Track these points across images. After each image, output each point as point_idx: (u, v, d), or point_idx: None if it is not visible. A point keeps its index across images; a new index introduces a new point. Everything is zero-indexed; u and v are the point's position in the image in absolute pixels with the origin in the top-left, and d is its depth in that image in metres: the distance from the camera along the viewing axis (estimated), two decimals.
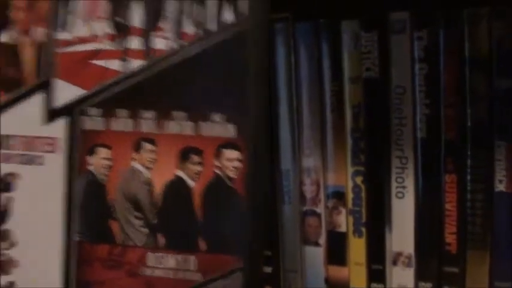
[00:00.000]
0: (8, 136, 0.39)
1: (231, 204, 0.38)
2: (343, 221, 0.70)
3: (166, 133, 0.38)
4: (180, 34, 0.37)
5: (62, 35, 0.38)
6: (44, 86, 0.39)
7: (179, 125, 0.38)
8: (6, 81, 0.39)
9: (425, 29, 0.65)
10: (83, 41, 0.38)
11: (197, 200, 0.37)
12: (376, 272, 0.69)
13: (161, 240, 0.37)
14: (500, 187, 0.64)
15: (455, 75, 0.65)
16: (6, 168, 0.39)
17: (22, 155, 0.39)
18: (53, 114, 0.39)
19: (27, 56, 0.38)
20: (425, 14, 0.65)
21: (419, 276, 0.68)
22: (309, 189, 0.68)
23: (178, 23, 0.37)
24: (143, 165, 0.38)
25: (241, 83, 0.37)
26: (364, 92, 0.67)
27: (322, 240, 0.68)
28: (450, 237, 0.66)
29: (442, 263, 0.67)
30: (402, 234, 0.67)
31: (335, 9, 0.65)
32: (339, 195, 0.69)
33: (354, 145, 0.69)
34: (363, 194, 0.68)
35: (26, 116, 0.39)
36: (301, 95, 0.62)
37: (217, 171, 0.37)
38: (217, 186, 0.37)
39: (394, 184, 0.67)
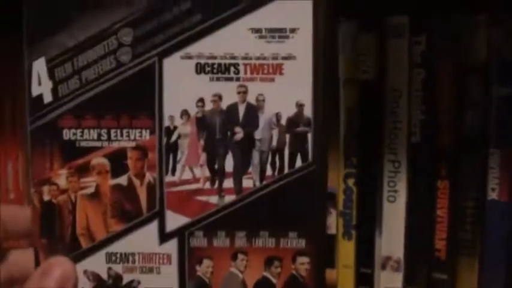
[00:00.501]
0: (132, 253, 0.50)
1: None
2: (333, 223, 0.70)
3: (254, 247, 0.50)
4: (262, 176, 0.49)
5: (170, 178, 0.49)
6: (157, 216, 0.49)
7: (264, 241, 0.50)
8: (124, 214, 0.50)
9: (423, 34, 0.64)
10: (187, 182, 0.50)
11: None
12: (365, 276, 0.70)
13: None
14: (493, 195, 0.63)
15: (452, 81, 0.64)
16: (131, 276, 0.50)
17: (143, 266, 0.50)
18: (166, 236, 0.50)
19: (141, 194, 0.49)
20: (424, 19, 0.64)
21: (408, 282, 0.67)
22: None
23: (262, 169, 0.49)
24: (238, 269, 0.51)
25: (309, 210, 0.50)
26: (359, 95, 0.67)
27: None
28: (440, 244, 0.65)
29: (432, 269, 0.67)
30: (392, 239, 0.66)
31: (334, 9, 0.58)
32: (330, 197, 0.68)
33: (347, 147, 0.68)
34: (354, 197, 0.68)
35: (145, 238, 0.49)
36: None
37: (293, 272, 0.51)
38: (293, 282, 0.51)
39: (386, 188, 0.66)
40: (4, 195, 0.90)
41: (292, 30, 0.49)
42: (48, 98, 0.49)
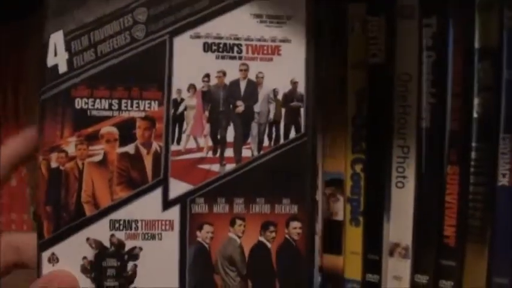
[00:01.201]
0: (135, 220, 0.62)
1: (295, 257, 0.66)
2: (341, 209, 0.79)
3: (252, 212, 0.65)
4: (260, 147, 0.65)
5: (175, 147, 0.63)
6: (161, 183, 0.63)
7: (260, 207, 0.65)
8: (130, 181, 0.62)
9: (434, 16, 0.72)
10: (191, 151, 0.64)
11: (273, 256, 0.65)
12: (372, 262, 0.78)
13: (249, 284, 0.65)
14: (503, 181, 0.71)
15: (463, 64, 0.72)
16: (133, 243, 0.62)
17: (145, 233, 0.62)
18: (169, 203, 0.63)
19: (147, 162, 0.62)
20: (435, 1, 0.72)
21: (416, 269, 0.75)
22: None
23: (260, 140, 0.65)
24: (236, 235, 0.65)
25: (301, 177, 0.65)
26: (368, 78, 0.76)
27: (318, 228, 0.78)
28: (449, 230, 0.73)
29: (440, 256, 0.74)
30: (400, 225, 0.75)
31: None
32: (337, 183, 0.79)
33: (355, 132, 0.78)
34: (362, 183, 0.77)
35: (148, 205, 0.63)
36: None
37: (287, 236, 0.65)
38: (286, 246, 0.66)
39: (394, 173, 0.75)
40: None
41: (288, 17, 0.65)
42: (63, 68, 0.63)
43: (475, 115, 0.70)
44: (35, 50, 0.88)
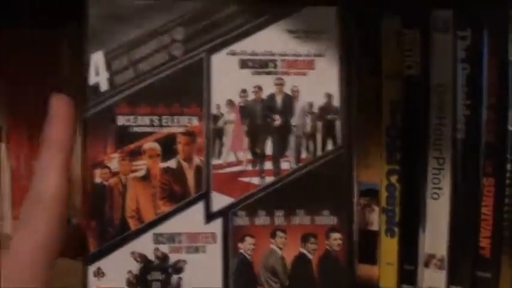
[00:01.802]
0: (178, 234, 0.66)
1: (336, 268, 0.69)
2: (376, 220, 0.82)
3: (292, 224, 0.68)
4: (298, 159, 0.68)
5: (216, 161, 0.67)
6: (203, 197, 0.66)
7: (300, 218, 0.68)
8: (172, 195, 0.65)
9: (469, 29, 0.75)
10: (231, 165, 0.67)
11: (314, 267, 0.68)
12: (408, 273, 0.81)
13: None
14: None
15: (498, 76, 0.74)
16: (177, 256, 0.66)
17: (189, 246, 0.66)
18: (211, 216, 0.66)
19: (189, 176, 0.66)
20: (470, 13, 0.75)
21: (451, 280, 0.78)
22: None
23: (298, 152, 0.68)
24: (278, 246, 0.67)
25: (339, 189, 0.69)
26: (403, 89, 0.78)
27: (354, 238, 0.77)
28: (484, 242, 0.75)
29: (475, 268, 0.77)
30: (436, 236, 0.77)
31: (377, 4, 0.77)
32: (372, 193, 0.82)
33: (390, 143, 0.80)
34: (398, 193, 0.79)
35: (191, 219, 0.66)
36: None
37: (327, 247, 0.68)
38: (327, 257, 0.69)
39: (430, 185, 0.78)
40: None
41: (322, 32, 0.69)
42: (104, 86, 0.67)
43: (510, 127, 0.72)
44: (67, 58, 0.99)
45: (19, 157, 1.09)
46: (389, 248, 0.80)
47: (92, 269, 0.65)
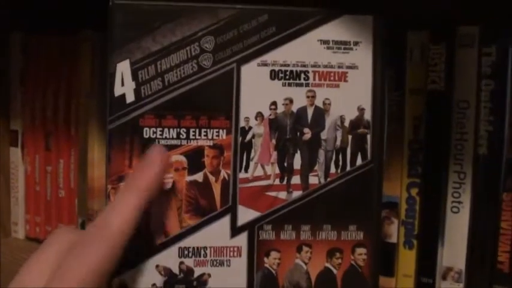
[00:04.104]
0: (204, 247, 0.60)
1: (360, 283, 0.62)
2: (395, 232, 0.75)
3: (318, 239, 0.62)
4: (327, 174, 0.61)
5: (243, 175, 0.60)
6: (230, 210, 0.60)
7: (327, 233, 0.62)
8: (198, 209, 0.60)
9: (494, 45, 0.69)
10: (258, 179, 0.61)
11: (339, 282, 0.62)
12: (425, 286, 0.74)
13: None
14: None
15: None
16: (202, 270, 0.60)
17: (214, 260, 0.60)
18: (237, 230, 0.60)
19: (216, 190, 0.60)
20: (495, 30, 0.69)
21: None
22: None
23: (327, 167, 0.61)
24: (303, 261, 0.62)
25: (367, 204, 0.62)
26: (427, 104, 0.72)
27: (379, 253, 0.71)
28: (503, 256, 0.69)
29: (493, 282, 0.70)
30: (454, 249, 0.71)
31: (403, 18, 0.70)
32: (391, 206, 0.74)
33: (412, 156, 0.73)
34: (417, 206, 0.73)
35: (217, 232, 0.60)
36: None
37: (352, 262, 0.62)
38: (352, 272, 0.62)
39: (450, 199, 0.71)
40: (55, 193, 0.98)
41: (356, 43, 0.61)
42: (130, 98, 0.60)
43: None
44: (87, 63, 0.90)
45: (34, 162, 1.01)
46: (407, 260, 0.74)
47: (116, 281, 0.59)
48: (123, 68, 0.59)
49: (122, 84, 0.59)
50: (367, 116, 0.62)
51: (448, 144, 0.71)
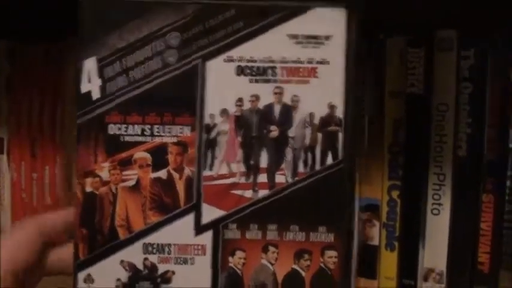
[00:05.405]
0: (168, 244, 0.56)
1: (330, 285, 0.57)
2: (376, 234, 0.71)
3: (285, 240, 0.57)
4: (295, 173, 0.56)
5: (207, 173, 0.56)
6: (194, 208, 0.56)
7: (294, 234, 0.56)
8: (162, 206, 0.56)
9: (472, 49, 0.67)
10: (223, 177, 0.56)
11: (307, 285, 0.57)
12: (407, 287, 0.70)
13: None
14: None
15: (500, 95, 0.66)
16: (166, 267, 0.56)
17: (178, 257, 0.56)
18: (201, 228, 0.56)
19: (180, 187, 0.56)
20: (473, 34, 0.67)
21: None
22: None
23: (295, 165, 0.56)
24: (269, 261, 0.57)
25: (337, 205, 0.56)
26: (406, 107, 0.69)
27: (354, 252, 0.69)
28: (483, 257, 0.67)
29: (474, 282, 0.68)
30: (435, 251, 0.68)
31: (383, 22, 0.66)
32: (373, 208, 0.71)
33: (392, 159, 0.70)
34: (398, 209, 0.70)
35: (181, 230, 0.56)
36: None
37: (322, 265, 0.57)
38: (321, 275, 0.57)
39: (430, 200, 0.69)
40: (41, 200, 0.95)
41: (327, 37, 0.56)
42: (96, 94, 0.57)
43: (510, 145, 0.65)
44: (73, 70, 0.85)
45: (19, 169, 0.96)
46: (389, 262, 0.71)
47: (81, 275, 0.57)
48: (90, 64, 0.56)
49: (89, 81, 0.56)
50: (339, 113, 0.57)
51: (428, 147, 0.69)
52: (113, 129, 0.56)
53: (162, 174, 0.57)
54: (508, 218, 0.67)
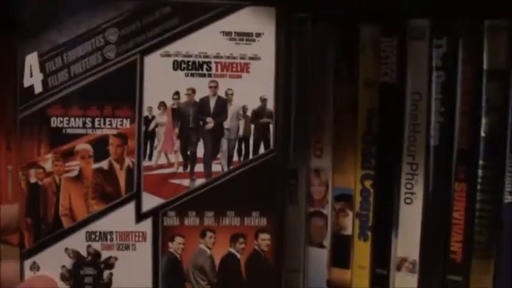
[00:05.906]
0: (110, 232, 0.58)
1: (264, 267, 0.60)
2: (349, 224, 0.71)
3: (222, 225, 0.60)
4: (230, 162, 0.60)
5: (147, 163, 0.59)
6: (134, 197, 0.58)
7: (230, 219, 0.59)
8: (104, 195, 0.58)
9: (444, 37, 0.66)
10: (162, 166, 0.59)
11: (243, 266, 0.60)
12: (380, 277, 0.71)
13: None
14: (509, 198, 0.64)
15: (472, 84, 0.66)
16: (109, 253, 0.58)
17: (120, 244, 0.58)
18: (141, 216, 0.59)
19: (120, 177, 0.58)
20: (446, 23, 0.67)
21: (423, 283, 0.68)
22: (317, 190, 0.68)
23: (230, 155, 0.59)
24: (207, 246, 0.60)
25: (270, 192, 0.60)
26: (379, 97, 0.69)
27: (327, 242, 0.70)
28: (456, 246, 0.67)
29: (447, 271, 0.67)
30: (408, 240, 0.68)
31: (355, 12, 0.67)
32: (346, 198, 0.71)
33: (365, 149, 0.70)
34: (371, 198, 0.70)
35: (122, 218, 0.58)
36: (315, 95, 0.65)
37: (256, 247, 0.61)
38: (255, 257, 0.60)
39: (403, 190, 0.68)
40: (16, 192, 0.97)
41: (258, 35, 0.59)
42: (38, 88, 0.58)
43: (482, 134, 0.64)
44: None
45: None
46: (362, 252, 0.71)
47: (27, 263, 0.58)
48: (32, 59, 0.58)
49: (31, 76, 0.58)
50: (270, 106, 0.60)
51: (401, 136, 0.69)
52: (55, 122, 0.58)
53: (104, 164, 0.59)
54: (480, 207, 0.65)
